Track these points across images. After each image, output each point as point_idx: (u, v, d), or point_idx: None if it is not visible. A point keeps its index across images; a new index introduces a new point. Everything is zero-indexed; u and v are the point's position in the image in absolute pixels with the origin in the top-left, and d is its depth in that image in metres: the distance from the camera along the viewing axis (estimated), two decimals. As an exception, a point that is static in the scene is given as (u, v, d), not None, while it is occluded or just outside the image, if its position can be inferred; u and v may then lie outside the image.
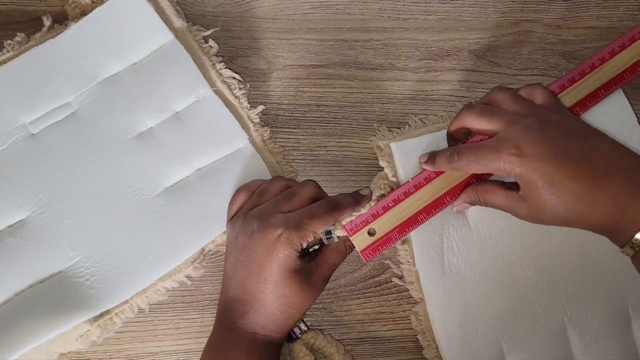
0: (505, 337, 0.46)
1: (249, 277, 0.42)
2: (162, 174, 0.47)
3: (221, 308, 0.44)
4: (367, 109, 0.51)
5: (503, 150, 0.39)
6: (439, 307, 0.46)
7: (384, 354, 0.48)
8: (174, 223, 0.47)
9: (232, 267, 0.43)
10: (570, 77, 0.46)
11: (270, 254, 0.41)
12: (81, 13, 0.49)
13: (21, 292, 0.45)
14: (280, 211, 0.43)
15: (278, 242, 0.41)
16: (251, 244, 0.42)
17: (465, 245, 0.47)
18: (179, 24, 0.50)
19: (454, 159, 0.42)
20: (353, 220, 0.44)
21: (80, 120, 0.48)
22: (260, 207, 0.44)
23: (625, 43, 0.46)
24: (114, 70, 0.49)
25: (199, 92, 0.48)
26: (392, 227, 0.44)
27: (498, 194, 0.42)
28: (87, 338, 0.45)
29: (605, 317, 0.46)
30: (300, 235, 0.41)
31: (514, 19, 0.52)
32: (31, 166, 0.47)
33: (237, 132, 0.48)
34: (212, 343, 0.43)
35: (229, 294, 0.43)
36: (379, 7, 0.52)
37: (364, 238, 0.44)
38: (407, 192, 0.45)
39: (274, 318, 0.42)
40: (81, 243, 0.46)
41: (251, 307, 0.42)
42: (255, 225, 0.42)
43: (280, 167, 0.49)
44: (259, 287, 0.41)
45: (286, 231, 0.41)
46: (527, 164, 0.39)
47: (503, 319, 0.46)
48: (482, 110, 0.42)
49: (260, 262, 0.41)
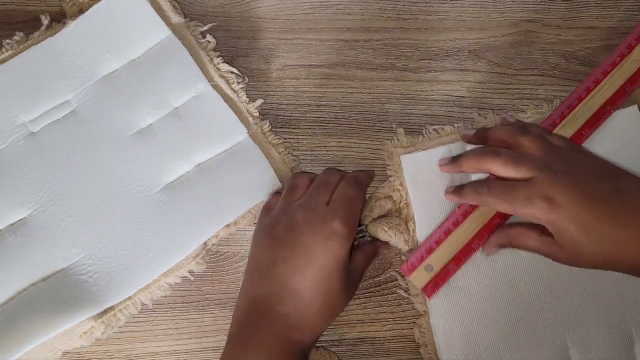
0: (507, 354, 0.46)
1: (293, 273, 0.40)
2: (162, 170, 0.48)
3: (247, 305, 0.42)
4: (367, 109, 0.51)
5: (535, 197, 0.39)
6: (442, 321, 0.46)
7: (384, 354, 0.48)
8: (176, 219, 0.47)
9: (268, 263, 0.41)
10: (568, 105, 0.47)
11: (323, 248, 0.40)
12: (79, 11, 0.49)
13: (24, 290, 0.45)
14: (320, 202, 0.42)
15: (333, 235, 0.40)
16: (295, 238, 0.41)
17: (471, 261, 0.46)
18: (176, 20, 0.50)
19: (482, 192, 0.42)
20: (409, 260, 0.45)
21: (80, 118, 0.48)
22: (300, 202, 0.43)
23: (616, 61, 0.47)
24: (113, 67, 0.49)
25: (198, 88, 0.48)
26: (448, 259, 0.44)
27: (533, 239, 0.42)
28: (91, 334, 0.45)
29: (608, 339, 0.45)
30: (353, 226, 0.41)
31: (514, 19, 0.52)
32: (32, 165, 0.47)
33: (236, 126, 0.48)
34: (236, 338, 0.41)
35: (260, 290, 0.41)
36: (379, 7, 0.52)
37: (422, 275, 0.44)
38: (455, 222, 0.45)
39: (313, 321, 0.41)
40: (83, 240, 0.46)
41: (289, 304, 0.40)
42: (300, 219, 0.41)
43: (281, 158, 0.49)
44: (305, 283, 0.40)
45: (339, 224, 0.40)
46: (560, 211, 0.39)
47: (506, 335, 0.46)
48: (508, 158, 0.42)
49: (310, 256, 0.40)
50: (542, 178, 0.40)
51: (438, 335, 0.46)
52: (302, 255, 0.40)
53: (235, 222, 0.48)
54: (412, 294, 0.48)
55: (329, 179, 0.44)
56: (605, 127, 0.47)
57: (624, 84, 0.47)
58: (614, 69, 0.47)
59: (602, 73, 0.47)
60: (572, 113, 0.46)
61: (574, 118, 0.46)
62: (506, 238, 0.44)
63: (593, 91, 0.47)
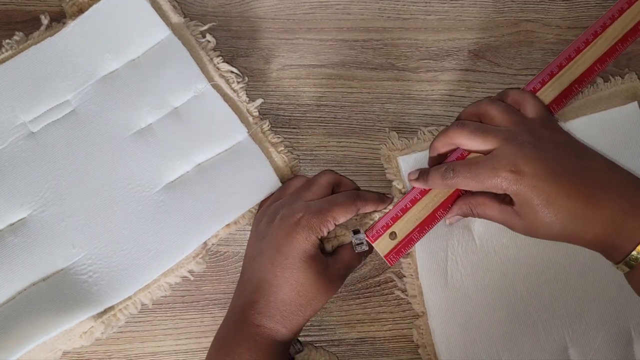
0: (506, 354, 0.46)
1: (265, 263, 0.42)
2: (162, 170, 0.48)
3: (233, 300, 0.44)
4: (366, 109, 0.51)
5: (500, 168, 0.40)
6: (441, 322, 0.46)
7: (384, 353, 0.48)
8: (176, 219, 0.47)
9: (250, 256, 0.43)
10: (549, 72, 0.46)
11: (288, 237, 0.41)
12: (79, 11, 0.49)
13: (24, 290, 0.45)
14: (300, 199, 0.43)
15: (297, 225, 0.41)
16: (271, 231, 0.42)
17: (469, 261, 0.46)
18: (176, 20, 0.50)
19: (448, 176, 0.42)
20: (374, 226, 0.44)
21: (79, 118, 0.48)
22: (283, 199, 0.44)
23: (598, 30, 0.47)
24: (113, 67, 0.49)
25: (198, 87, 0.48)
26: (412, 227, 0.44)
27: (492, 208, 0.42)
28: (91, 334, 0.45)
29: (607, 338, 0.45)
30: (320, 220, 0.41)
31: (514, 19, 0.52)
32: (32, 165, 0.47)
33: (236, 125, 0.48)
34: (220, 334, 0.43)
35: (243, 284, 0.43)
36: (378, 7, 0.52)
37: (386, 243, 0.44)
38: (423, 191, 0.45)
39: (283, 308, 0.41)
40: (83, 240, 0.46)
41: (262, 294, 0.41)
42: (278, 214, 0.43)
43: (281, 157, 0.49)
44: (274, 271, 0.41)
45: (306, 215, 0.41)
46: (524, 182, 0.39)
47: (504, 335, 0.46)
48: (474, 129, 0.42)
49: (277, 246, 0.41)
50: (507, 149, 0.40)
51: (437, 336, 0.46)
52: (271, 246, 0.42)
53: (235, 221, 0.48)
54: (410, 294, 0.48)
55: (316, 179, 0.45)
56: (605, 123, 0.47)
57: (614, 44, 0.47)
58: (605, 31, 0.47)
59: (592, 34, 0.47)
60: (561, 72, 0.46)
61: (562, 77, 0.46)
62: (467, 207, 0.44)
63: (583, 51, 0.46)
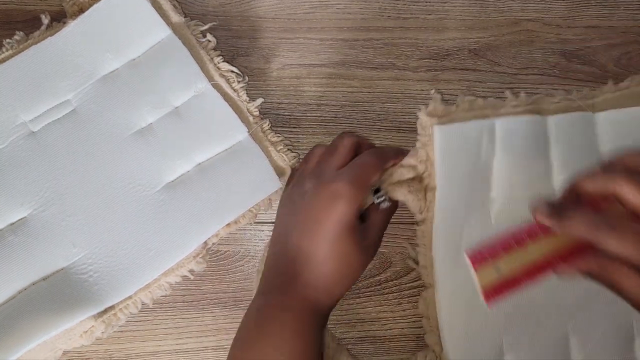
0: (506, 335, 0.45)
1: (304, 236, 0.40)
2: (162, 170, 0.48)
3: (266, 278, 0.42)
4: (367, 109, 0.51)
5: None
6: (447, 297, 0.45)
7: (384, 353, 0.48)
8: (176, 218, 0.47)
9: (283, 232, 0.42)
10: None
11: (328, 209, 0.40)
12: (79, 10, 0.49)
13: (24, 289, 0.45)
14: (329, 167, 0.42)
15: (336, 196, 0.40)
16: (306, 204, 0.41)
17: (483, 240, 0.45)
18: (176, 19, 0.50)
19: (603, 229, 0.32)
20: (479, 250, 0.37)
21: (80, 117, 0.48)
22: (308, 170, 0.43)
23: None
24: (113, 66, 0.49)
25: (198, 87, 0.48)
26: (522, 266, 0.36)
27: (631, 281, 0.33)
28: (91, 334, 0.45)
29: (608, 330, 0.45)
30: (357, 188, 0.40)
31: (514, 18, 0.52)
32: (32, 164, 0.47)
33: (237, 125, 0.48)
34: (256, 306, 0.41)
35: (278, 258, 0.42)
36: (379, 6, 0.52)
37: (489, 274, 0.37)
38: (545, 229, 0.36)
39: (327, 279, 0.40)
40: (83, 240, 0.46)
41: (306, 266, 0.40)
42: (309, 186, 0.41)
43: (281, 157, 0.49)
44: (317, 244, 0.40)
45: (342, 184, 0.40)
46: None
47: (507, 317, 0.46)
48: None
49: (316, 218, 0.40)
50: None
51: (442, 310, 0.45)
52: (309, 218, 0.41)
53: (236, 221, 0.48)
54: (421, 265, 0.46)
55: (338, 144, 0.43)
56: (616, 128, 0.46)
57: None
58: None
59: None
60: None
61: None
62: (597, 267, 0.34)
63: None
